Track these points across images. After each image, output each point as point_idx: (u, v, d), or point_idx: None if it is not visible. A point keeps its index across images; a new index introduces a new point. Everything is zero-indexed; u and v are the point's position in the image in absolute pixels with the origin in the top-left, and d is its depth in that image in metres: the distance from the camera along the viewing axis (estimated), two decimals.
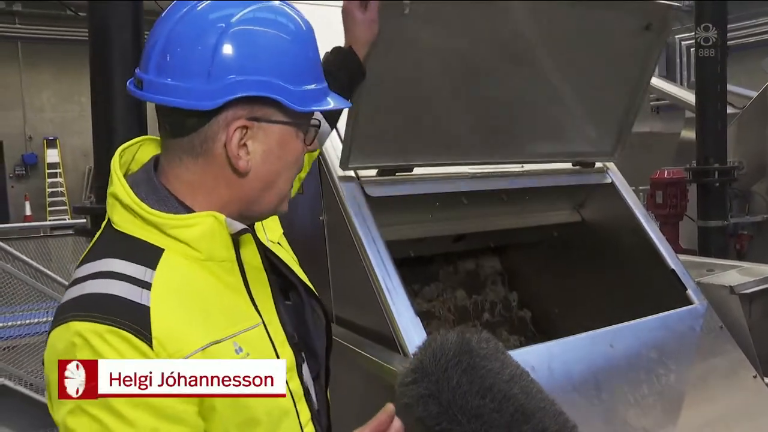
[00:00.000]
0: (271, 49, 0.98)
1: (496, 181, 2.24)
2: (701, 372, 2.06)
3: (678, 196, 6.38)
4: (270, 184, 1.03)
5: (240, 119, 0.97)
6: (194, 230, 0.97)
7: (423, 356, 0.76)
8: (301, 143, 1.05)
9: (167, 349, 0.88)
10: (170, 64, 0.96)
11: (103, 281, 0.92)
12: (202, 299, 0.96)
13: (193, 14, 0.98)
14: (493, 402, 0.71)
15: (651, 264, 2.35)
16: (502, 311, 2.86)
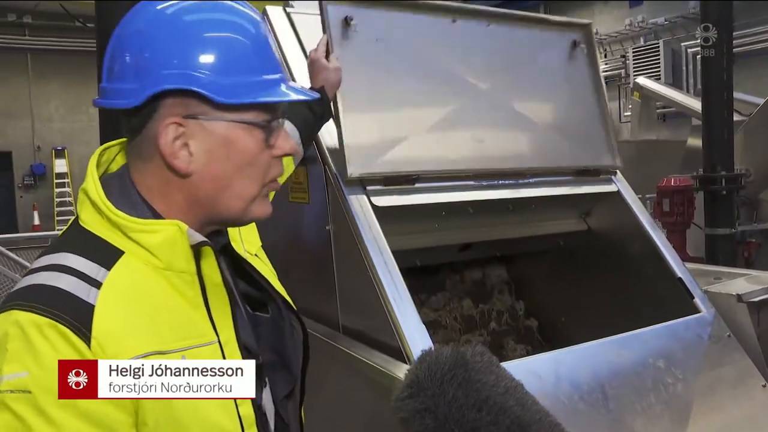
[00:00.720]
0: (194, 42, 0.95)
1: (502, 190, 2.24)
2: (709, 381, 2.04)
3: (685, 203, 6.36)
4: (223, 186, 0.99)
5: (174, 116, 0.95)
6: (155, 237, 0.95)
7: (418, 371, 0.76)
8: (257, 143, 0.99)
9: (106, 351, 0.85)
10: (113, 68, 0.98)
11: (54, 274, 0.89)
12: (153, 307, 0.93)
13: (129, 17, 0.99)
14: (490, 415, 0.71)
15: (658, 272, 2.35)
16: (509, 320, 2.85)
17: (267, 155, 1.02)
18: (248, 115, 0.98)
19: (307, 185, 2.13)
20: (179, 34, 0.95)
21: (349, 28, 2.01)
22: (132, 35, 0.97)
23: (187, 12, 0.97)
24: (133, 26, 0.98)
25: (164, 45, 0.95)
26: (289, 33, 2.30)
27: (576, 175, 2.42)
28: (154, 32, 0.96)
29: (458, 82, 2.24)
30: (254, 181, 1.01)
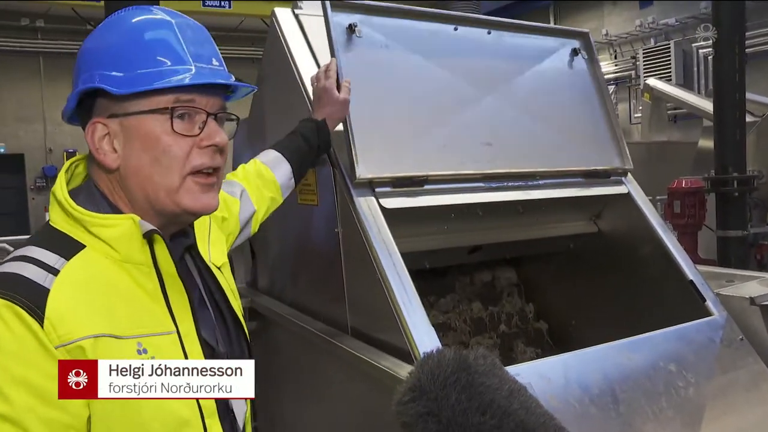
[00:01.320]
0: (96, 46, 1.09)
1: (512, 192, 2.23)
2: (721, 385, 2.02)
3: (696, 205, 6.32)
4: (144, 177, 1.06)
5: (97, 118, 1.07)
6: (113, 231, 1.03)
7: (420, 374, 0.75)
8: (164, 131, 1.06)
9: (57, 330, 0.92)
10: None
11: (18, 263, 0.98)
12: (109, 296, 1.00)
13: None
14: (494, 418, 0.70)
15: (669, 275, 2.33)
16: (519, 323, 2.84)
17: (186, 144, 1.07)
18: (151, 104, 1.05)
19: (316, 187, 2.13)
20: (91, 44, 1.10)
21: (354, 35, 2.05)
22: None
23: (103, 26, 1.12)
24: None
25: (83, 56, 1.10)
26: (297, 34, 2.30)
27: (586, 177, 2.41)
28: (84, 45, 1.11)
29: (463, 87, 2.25)
30: (172, 170, 1.07)
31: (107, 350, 0.96)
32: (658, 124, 10.31)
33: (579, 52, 2.57)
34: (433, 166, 2.06)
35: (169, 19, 1.11)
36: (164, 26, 1.10)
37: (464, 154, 2.16)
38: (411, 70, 2.17)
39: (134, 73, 1.04)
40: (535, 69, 2.46)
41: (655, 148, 9.21)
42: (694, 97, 9.35)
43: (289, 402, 2.39)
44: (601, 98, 2.58)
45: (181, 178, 1.08)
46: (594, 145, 2.49)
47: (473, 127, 2.21)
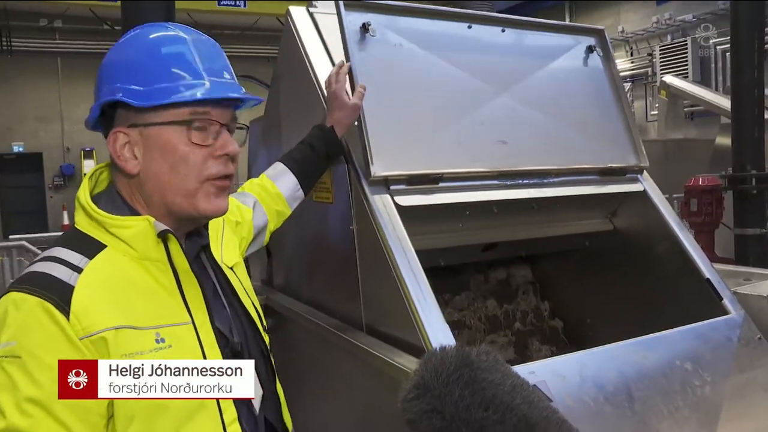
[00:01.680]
0: (116, 60, 1.17)
1: (527, 189, 2.23)
2: (739, 384, 2.01)
3: (713, 203, 6.26)
4: (163, 183, 1.15)
5: (119, 127, 1.15)
6: (130, 231, 1.12)
7: (424, 372, 0.76)
8: (182, 141, 1.14)
9: (81, 322, 1.01)
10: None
11: (47, 263, 1.08)
12: (128, 291, 1.09)
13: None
14: (496, 413, 0.71)
15: (685, 273, 2.31)
16: (534, 321, 2.83)
17: (201, 153, 1.16)
18: (170, 116, 1.13)
19: (331, 185, 2.14)
20: (112, 58, 1.18)
21: (368, 34, 2.06)
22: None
23: (123, 42, 1.19)
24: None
25: (104, 69, 1.18)
26: (312, 33, 2.31)
27: (601, 174, 2.40)
28: (105, 59, 1.19)
29: (477, 85, 2.26)
30: (189, 177, 1.16)
31: (127, 340, 1.05)
32: (675, 121, 10.25)
33: (594, 50, 2.56)
34: (447, 164, 2.07)
35: (184, 36, 1.19)
36: (179, 42, 1.18)
37: (479, 151, 2.16)
38: (425, 69, 2.17)
39: (153, 87, 1.12)
40: (550, 66, 2.45)
41: (672, 145, 9.14)
42: (711, 94, 9.28)
43: (304, 398, 2.40)
44: (617, 95, 2.57)
45: (198, 184, 1.17)
46: (609, 142, 2.48)
47: (487, 124, 2.21)
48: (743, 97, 5.59)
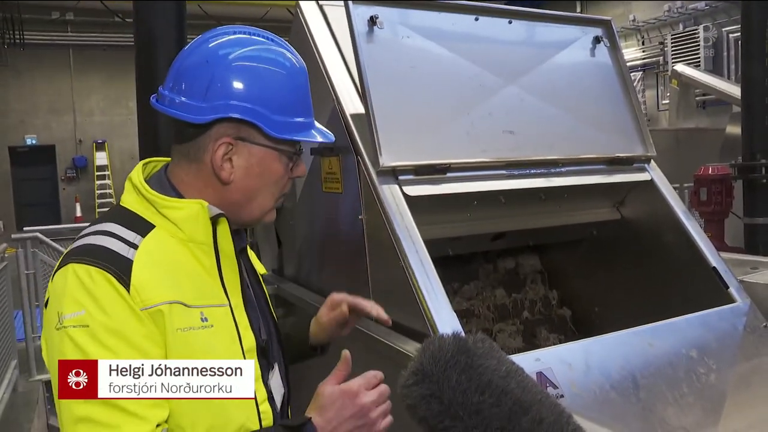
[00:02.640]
0: (260, 83, 1.18)
1: (534, 179, 2.25)
2: (744, 372, 2.02)
3: (723, 192, 6.24)
4: (250, 197, 1.22)
5: (227, 137, 1.17)
6: (181, 212, 1.16)
7: (423, 358, 0.80)
8: (284, 167, 1.22)
9: (141, 295, 1.06)
10: (181, 84, 1.19)
11: (102, 237, 1.12)
12: (177, 270, 1.13)
13: (206, 47, 1.20)
14: (492, 397, 0.74)
15: (692, 262, 2.33)
16: (542, 309, 2.86)
17: (286, 177, 1.25)
18: (284, 146, 1.21)
19: (340, 175, 2.17)
20: (249, 75, 1.17)
21: (376, 26, 2.08)
22: (205, 61, 1.18)
23: (253, 58, 1.19)
24: (206, 53, 1.19)
25: (236, 80, 1.16)
26: (321, 25, 2.34)
27: (608, 164, 2.42)
28: (228, 66, 1.17)
29: (485, 76, 2.27)
30: (273, 196, 1.25)
31: (179, 316, 1.09)
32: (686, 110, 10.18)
33: (601, 40, 2.57)
34: (455, 154, 2.09)
35: (304, 67, 1.27)
36: (303, 74, 1.26)
37: (486, 142, 2.18)
38: (433, 61, 2.19)
39: (288, 121, 1.19)
40: (557, 57, 2.47)
41: (683, 134, 9.09)
42: (723, 83, 9.21)
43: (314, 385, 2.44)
44: (624, 86, 2.58)
45: (275, 202, 1.27)
46: (616, 132, 2.49)
47: (495, 115, 2.23)
48: (753, 87, 5.56)
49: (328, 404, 1.14)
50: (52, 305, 1.06)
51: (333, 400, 1.14)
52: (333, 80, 2.16)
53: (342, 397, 1.15)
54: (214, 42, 1.21)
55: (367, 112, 1.96)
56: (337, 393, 1.15)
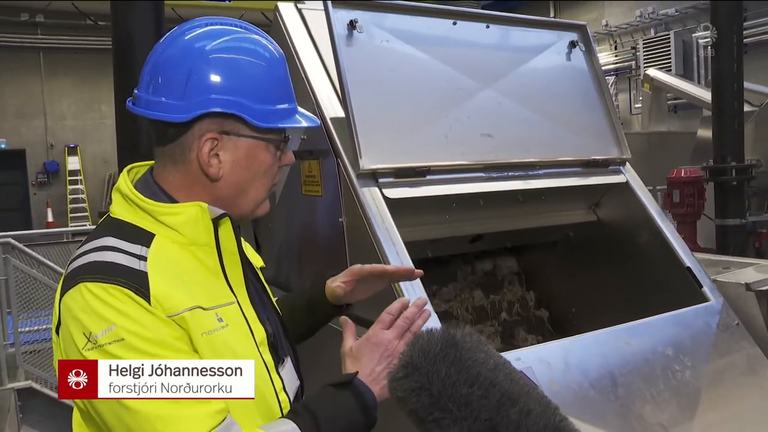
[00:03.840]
0: (239, 73, 1.14)
1: (512, 182, 2.27)
2: (717, 368, 2.07)
3: (695, 195, 6.36)
4: (241, 190, 1.19)
5: (211, 132, 1.13)
6: (180, 217, 1.13)
7: (412, 352, 0.81)
8: (272, 157, 1.20)
9: (162, 305, 1.04)
10: (157, 83, 1.15)
11: (106, 252, 1.08)
12: (186, 276, 1.11)
13: (180, 41, 1.16)
14: (481, 389, 0.76)
15: (666, 262, 2.37)
16: (520, 311, 2.88)
17: (276, 167, 1.22)
18: (270, 135, 1.18)
19: (320, 178, 2.17)
20: (228, 67, 1.14)
21: (355, 30, 2.10)
22: (181, 56, 1.14)
23: (230, 49, 1.16)
24: (181, 47, 1.15)
25: (214, 73, 1.13)
26: (300, 29, 2.34)
27: (584, 166, 2.46)
28: (205, 59, 1.13)
29: (463, 80, 2.30)
30: (265, 187, 1.22)
31: (200, 320, 1.08)
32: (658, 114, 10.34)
33: (577, 45, 2.61)
34: (435, 157, 2.11)
35: (282, 54, 1.24)
36: (283, 62, 1.22)
37: (465, 145, 2.20)
38: (412, 64, 2.21)
39: (272, 109, 1.16)
40: (534, 62, 2.50)
41: (655, 138, 9.23)
42: (694, 87, 9.38)
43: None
44: (599, 89, 2.62)
45: (267, 193, 1.24)
46: (592, 135, 2.53)
47: (473, 118, 2.26)
48: (724, 91, 5.67)
49: (360, 356, 1.23)
50: (74, 327, 1.02)
51: (362, 352, 1.23)
52: (313, 84, 2.17)
53: (367, 344, 1.24)
54: (190, 34, 1.16)
55: (347, 116, 1.97)
56: (362, 344, 1.25)
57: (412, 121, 2.14)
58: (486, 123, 2.28)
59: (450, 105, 2.24)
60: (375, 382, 1.21)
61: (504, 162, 2.26)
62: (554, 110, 2.47)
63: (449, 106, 2.23)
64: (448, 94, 2.25)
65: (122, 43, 2.61)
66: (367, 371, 1.21)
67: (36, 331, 5.71)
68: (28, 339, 5.59)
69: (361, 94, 2.00)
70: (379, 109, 2.08)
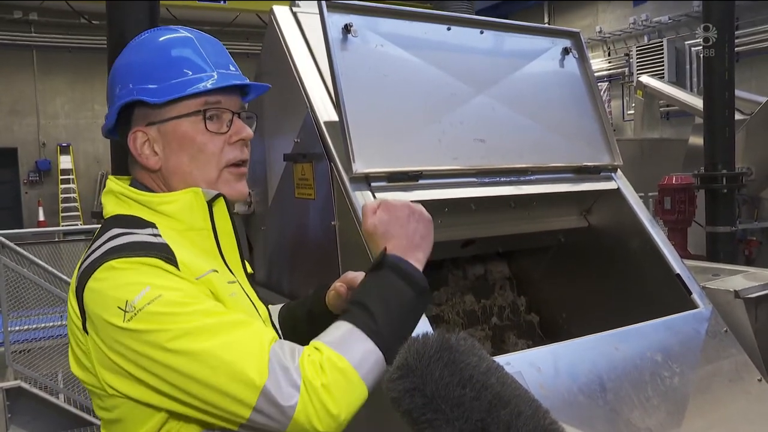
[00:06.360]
0: (128, 64, 1.23)
1: (504, 187, 2.29)
2: (706, 375, 2.09)
3: (686, 202, 6.40)
4: (184, 173, 1.20)
5: (137, 127, 1.20)
6: (177, 204, 1.17)
7: (407, 354, 0.83)
8: (200, 131, 1.20)
9: (189, 269, 1.08)
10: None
11: (122, 237, 1.10)
12: (194, 251, 1.15)
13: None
14: (473, 391, 0.77)
15: (656, 268, 2.39)
16: (511, 315, 2.89)
17: (218, 141, 1.21)
18: (181, 110, 1.19)
19: (312, 182, 2.18)
20: (123, 62, 1.24)
21: (350, 35, 2.10)
22: (112, 74, 1.25)
23: (133, 46, 1.26)
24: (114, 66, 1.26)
25: (117, 71, 1.23)
26: (295, 33, 2.35)
27: (576, 172, 2.47)
28: (116, 64, 1.25)
29: (456, 85, 2.31)
30: (210, 165, 1.21)
31: (219, 281, 1.13)
32: (651, 121, 10.40)
33: (570, 51, 2.63)
34: (427, 162, 2.12)
35: (189, 35, 1.25)
36: (187, 41, 1.24)
37: (458, 150, 2.21)
38: (405, 69, 2.22)
39: (167, 84, 1.17)
40: (527, 68, 2.52)
41: (648, 145, 9.29)
42: (686, 95, 9.44)
43: None
44: (592, 96, 2.64)
45: (218, 171, 1.22)
46: (584, 141, 2.55)
47: (466, 123, 2.27)
48: (715, 99, 5.71)
49: (382, 232, 1.22)
50: (106, 308, 1.02)
51: (383, 226, 1.23)
52: (307, 87, 2.17)
53: (386, 212, 1.24)
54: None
55: (341, 119, 1.98)
56: (378, 220, 1.23)
57: (405, 126, 2.15)
58: (479, 128, 2.29)
59: (443, 110, 2.25)
60: (407, 248, 1.21)
61: (496, 167, 2.27)
62: (547, 116, 2.48)
63: (442, 111, 2.24)
64: (441, 99, 2.27)
65: (117, 43, 2.61)
66: (394, 242, 1.21)
67: (26, 330, 5.69)
68: (18, 338, 5.58)
69: (354, 98, 2.01)
70: (373, 113, 2.08)
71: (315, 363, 1.02)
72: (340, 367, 1.03)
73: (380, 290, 1.15)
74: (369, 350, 1.07)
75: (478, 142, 2.26)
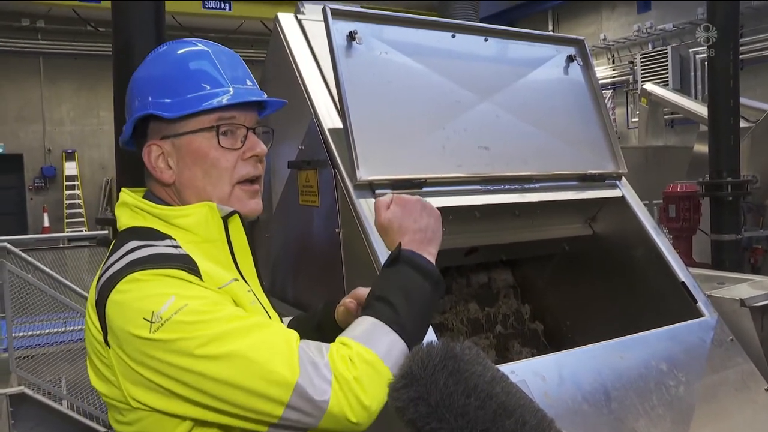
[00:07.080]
0: (145, 79, 1.23)
1: (509, 195, 2.28)
2: (711, 384, 2.07)
3: (691, 209, 6.37)
4: (197, 188, 1.20)
5: (152, 141, 1.20)
6: (192, 218, 1.17)
7: (412, 363, 0.82)
8: (213, 147, 1.19)
9: (213, 278, 1.09)
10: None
11: (142, 250, 1.10)
12: (211, 262, 1.15)
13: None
14: (477, 400, 0.77)
15: (661, 276, 2.38)
16: (515, 324, 2.89)
17: (231, 157, 1.21)
18: (195, 125, 1.19)
19: (317, 189, 2.18)
20: (141, 75, 1.24)
21: (354, 42, 2.11)
22: (129, 87, 1.26)
23: (151, 59, 1.25)
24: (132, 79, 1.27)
25: (135, 84, 1.24)
26: (300, 40, 2.36)
27: (581, 180, 2.47)
28: (134, 76, 1.25)
29: (461, 92, 2.32)
30: (222, 180, 1.21)
31: (240, 290, 1.14)
32: (655, 128, 10.39)
33: (574, 59, 2.63)
34: (431, 169, 2.12)
35: (206, 49, 1.25)
36: (204, 56, 1.23)
37: (462, 157, 2.21)
38: (410, 76, 2.22)
39: (182, 98, 1.18)
40: (532, 75, 2.52)
41: (652, 152, 9.27)
42: (691, 102, 9.42)
43: None
44: (596, 104, 2.64)
45: (231, 187, 1.22)
46: (589, 149, 2.55)
47: (470, 131, 2.27)
48: (720, 106, 5.69)
49: (395, 227, 1.24)
50: (130, 321, 1.02)
51: (396, 219, 1.24)
52: (311, 94, 2.18)
53: (399, 207, 1.25)
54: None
55: (345, 126, 1.98)
56: (392, 213, 1.25)
57: (409, 133, 2.15)
58: (483, 136, 2.29)
59: (447, 117, 2.25)
60: (421, 242, 1.23)
61: (500, 175, 2.27)
62: (551, 124, 2.48)
63: (447, 119, 2.25)
64: (445, 106, 2.27)
65: (122, 50, 2.62)
66: (408, 237, 1.23)
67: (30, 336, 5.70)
68: (22, 344, 5.58)
69: (359, 105, 2.01)
70: (377, 121, 2.09)
71: (344, 357, 1.05)
72: (369, 359, 1.05)
73: (399, 284, 1.17)
74: (394, 341, 1.10)
75: (482, 150, 2.26)
